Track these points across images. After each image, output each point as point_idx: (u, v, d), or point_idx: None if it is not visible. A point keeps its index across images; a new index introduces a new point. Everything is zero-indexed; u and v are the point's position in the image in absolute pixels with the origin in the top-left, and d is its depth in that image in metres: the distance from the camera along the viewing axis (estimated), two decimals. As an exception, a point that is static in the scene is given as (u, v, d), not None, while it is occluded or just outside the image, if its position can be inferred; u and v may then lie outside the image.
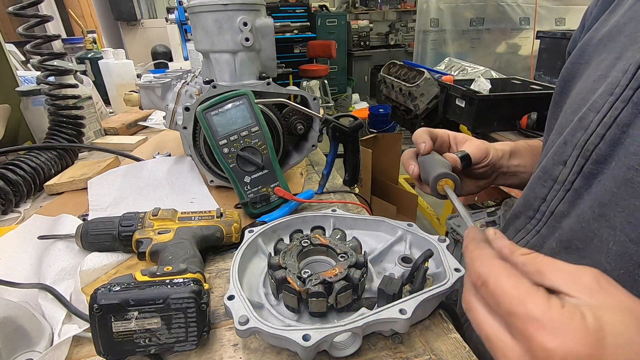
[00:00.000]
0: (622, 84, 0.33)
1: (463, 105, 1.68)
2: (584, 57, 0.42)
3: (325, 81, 4.53)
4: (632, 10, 0.37)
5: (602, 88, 0.35)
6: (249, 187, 0.61)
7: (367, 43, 5.14)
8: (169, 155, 0.86)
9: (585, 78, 0.40)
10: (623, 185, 0.31)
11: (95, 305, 0.33)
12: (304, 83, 4.45)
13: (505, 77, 2.14)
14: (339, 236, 0.46)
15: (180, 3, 1.67)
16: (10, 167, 0.70)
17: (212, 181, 0.70)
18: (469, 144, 0.50)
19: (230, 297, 0.36)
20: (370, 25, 5.16)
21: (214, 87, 0.63)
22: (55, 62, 0.83)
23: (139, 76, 1.44)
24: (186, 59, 1.71)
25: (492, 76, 2.18)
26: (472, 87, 1.83)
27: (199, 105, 0.60)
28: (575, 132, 0.36)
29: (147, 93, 0.82)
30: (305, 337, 0.32)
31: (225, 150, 0.59)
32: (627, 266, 0.29)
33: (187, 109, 0.64)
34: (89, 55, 1.50)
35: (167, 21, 2.05)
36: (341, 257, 0.41)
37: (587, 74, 0.40)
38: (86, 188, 0.69)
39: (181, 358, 0.38)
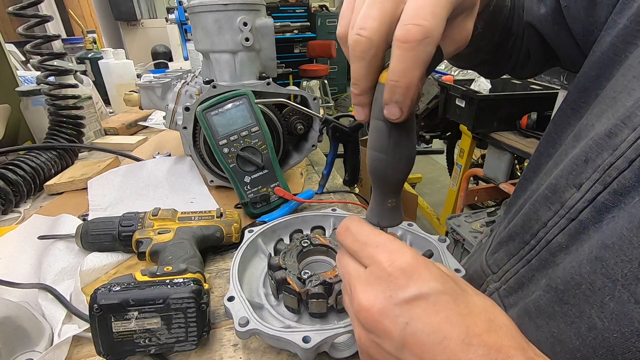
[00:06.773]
0: None
1: (463, 105, 1.68)
2: None
3: (325, 81, 4.53)
4: None
5: None
6: (249, 187, 0.61)
7: (367, 43, 5.16)
8: (169, 155, 0.86)
9: (627, 68, 0.29)
10: (637, 228, 0.23)
11: (95, 305, 0.33)
12: (304, 83, 4.45)
13: (505, 76, 2.13)
14: (339, 236, 0.46)
15: (180, 3, 1.67)
16: (10, 167, 0.70)
17: (212, 181, 0.70)
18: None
19: (230, 298, 0.36)
20: (370, 25, 5.17)
21: (214, 87, 0.63)
22: (55, 62, 0.83)
23: (139, 76, 1.44)
24: (186, 59, 1.72)
25: (492, 76, 2.18)
26: (472, 87, 1.83)
27: (199, 105, 0.60)
28: (601, 151, 0.28)
29: (147, 93, 0.82)
30: (306, 339, 0.32)
31: (225, 150, 0.59)
32: (624, 331, 0.24)
33: (187, 109, 0.64)
34: (89, 55, 1.50)
35: (167, 21, 2.05)
36: (341, 257, 0.41)
37: (629, 61, 0.29)
38: (86, 188, 0.69)
39: (181, 358, 0.38)
